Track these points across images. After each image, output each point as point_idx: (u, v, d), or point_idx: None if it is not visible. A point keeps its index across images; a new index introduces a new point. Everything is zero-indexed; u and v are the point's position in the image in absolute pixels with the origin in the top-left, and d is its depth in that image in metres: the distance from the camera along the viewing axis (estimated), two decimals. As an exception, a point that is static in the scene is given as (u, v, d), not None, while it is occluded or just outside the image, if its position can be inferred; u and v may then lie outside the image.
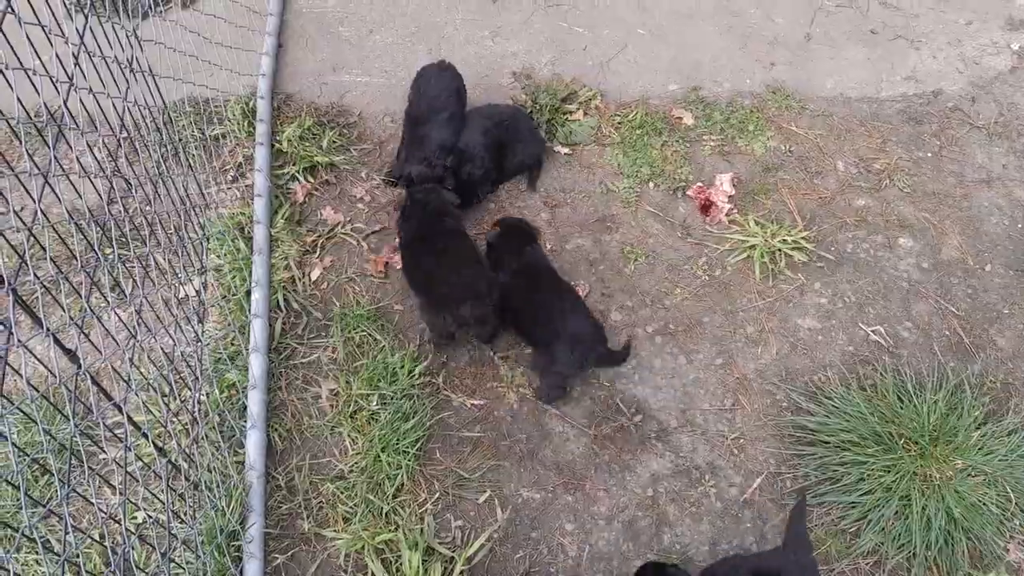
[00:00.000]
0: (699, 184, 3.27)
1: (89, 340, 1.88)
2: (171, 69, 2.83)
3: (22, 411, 1.74)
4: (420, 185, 3.03)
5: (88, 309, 1.80)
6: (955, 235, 3.18)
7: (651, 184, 3.30)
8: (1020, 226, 3.21)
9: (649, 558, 2.52)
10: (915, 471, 2.54)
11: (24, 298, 1.56)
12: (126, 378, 2.03)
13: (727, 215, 3.20)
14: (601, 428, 2.76)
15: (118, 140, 2.24)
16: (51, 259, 1.69)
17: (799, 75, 3.61)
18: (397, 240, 3.07)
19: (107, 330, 1.96)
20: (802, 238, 3.09)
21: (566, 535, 2.58)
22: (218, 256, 3.07)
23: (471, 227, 3.07)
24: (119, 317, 2.49)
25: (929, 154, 3.39)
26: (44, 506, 1.64)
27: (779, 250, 3.07)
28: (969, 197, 3.28)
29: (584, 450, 2.72)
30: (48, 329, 1.60)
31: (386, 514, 2.55)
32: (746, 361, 2.90)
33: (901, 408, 2.66)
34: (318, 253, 3.14)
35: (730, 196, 3.23)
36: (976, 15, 3.83)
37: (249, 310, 2.95)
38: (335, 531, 2.52)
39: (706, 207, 3.22)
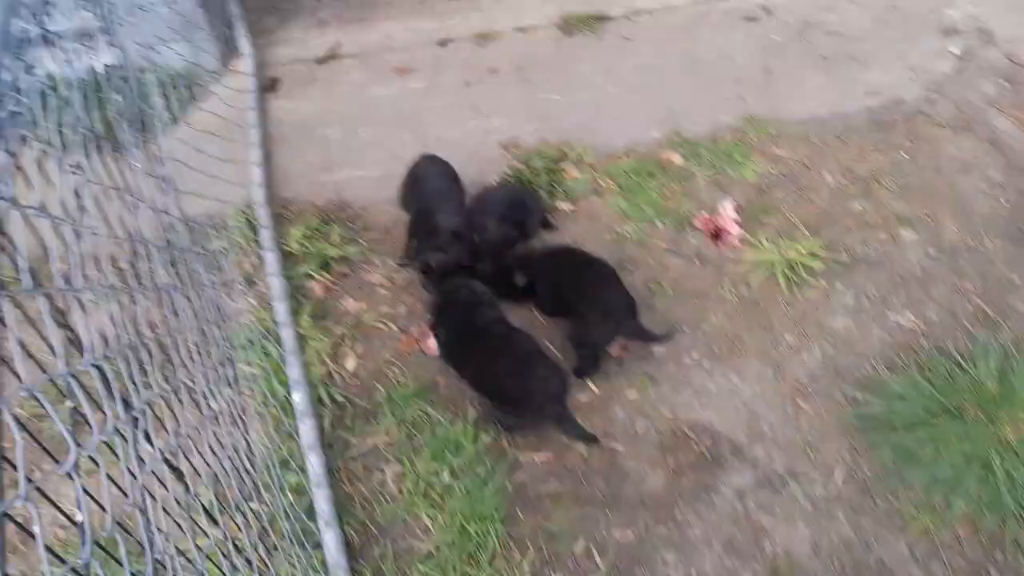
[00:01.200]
0: (703, 214, 3.39)
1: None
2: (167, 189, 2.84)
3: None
4: (443, 275, 3.09)
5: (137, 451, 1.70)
6: (950, 220, 3.35)
7: (657, 223, 3.40)
8: (1003, 202, 3.40)
9: (755, 568, 2.50)
10: (988, 436, 2.59)
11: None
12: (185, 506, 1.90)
13: (739, 239, 3.31)
14: (676, 457, 2.75)
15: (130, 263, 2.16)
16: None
17: (769, 105, 3.81)
18: (424, 326, 3.09)
19: (159, 478, 1.81)
20: (815, 247, 3.21)
21: (669, 566, 2.54)
22: (248, 364, 3.02)
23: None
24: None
25: (905, 155, 3.60)
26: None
27: (797, 262, 3.18)
28: (952, 186, 3.48)
29: (664, 481, 2.71)
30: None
31: (487, 582, 2.48)
32: (795, 368, 2.96)
33: (956, 380, 2.74)
34: (349, 343, 3.12)
35: (736, 220, 3.35)
36: (911, 29, 4.14)
37: (294, 412, 2.89)
38: (439, 609, 2.43)
39: (716, 234, 3.33)
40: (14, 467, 1.03)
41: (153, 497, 1.54)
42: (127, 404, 1.59)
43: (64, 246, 1.54)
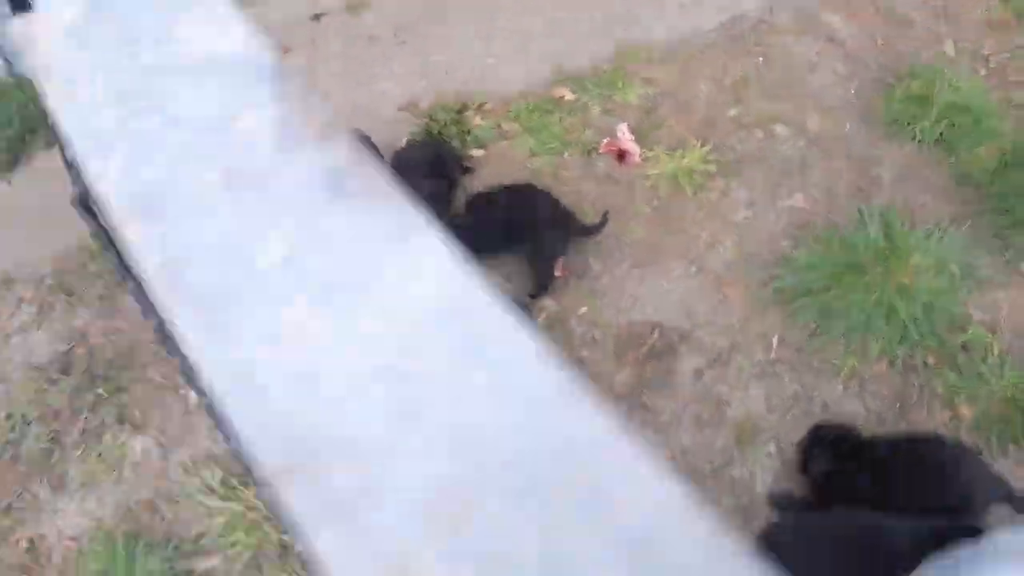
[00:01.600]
0: (606, 140, 3.68)
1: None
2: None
3: None
4: None
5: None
6: (811, 112, 3.81)
7: (565, 155, 3.67)
8: (851, 90, 3.90)
9: (724, 433, 2.86)
10: (888, 284, 3.05)
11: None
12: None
13: (640, 156, 3.63)
14: (634, 353, 3.07)
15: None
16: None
17: (639, 32, 4.14)
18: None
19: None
20: (706, 153, 3.59)
21: (652, 447, 2.85)
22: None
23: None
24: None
25: (760, 59, 4.03)
26: None
27: (694, 169, 3.54)
28: (804, 82, 3.94)
29: (630, 376, 3.02)
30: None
31: None
32: (713, 262, 3.33)
33: (851, 244, 3.19)
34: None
35: (633, 140, 3.67)
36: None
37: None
38: None
39: (620, 156, 3.64)
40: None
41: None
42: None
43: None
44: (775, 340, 3.09)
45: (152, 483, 2.85)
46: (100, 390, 3.03)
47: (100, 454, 2.91)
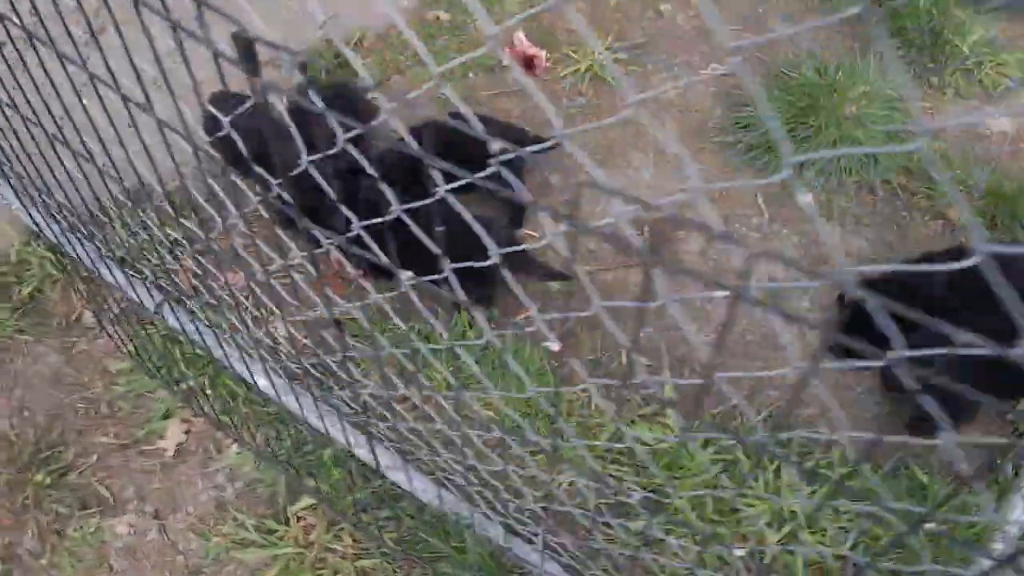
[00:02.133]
0: (507, 49, 3.39)
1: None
2: None
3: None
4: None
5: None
6: (686, -17, 3.75)
7: (471, 76, 3.34)
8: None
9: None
10: (841, 118, 3.04)
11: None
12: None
13: (547, 60, 3.38)
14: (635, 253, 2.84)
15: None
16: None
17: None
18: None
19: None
20: (609, 44, 3.41)
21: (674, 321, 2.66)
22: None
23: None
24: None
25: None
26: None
27: (605, 61, 3.33)
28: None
29: (638, 277, 2.79)
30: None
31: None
32: (668, 142, 3.17)
33: (797, 86, 3.16)
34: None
35: (536, 43, 3.40)
36: None
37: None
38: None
39: (528, 63, 3.36)
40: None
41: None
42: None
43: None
44: (761, 198, 3.00)
45: (161, 564, 2.24)
46: (40, 477, 2.34)
47: (71, 552, 2.25)
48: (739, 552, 2.07)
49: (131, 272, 2.20)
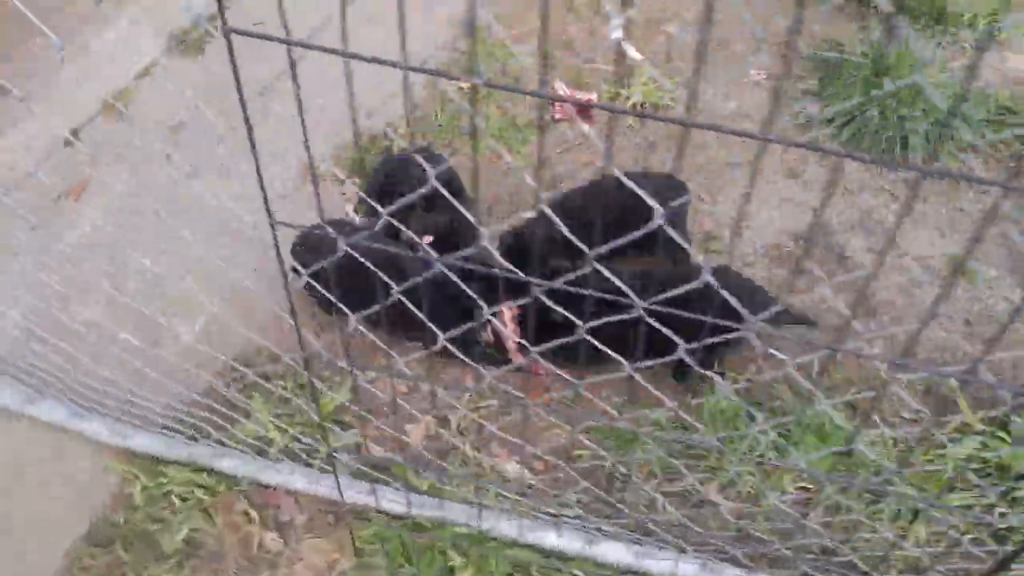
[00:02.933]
0: (555, 105, 3.13)
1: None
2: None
3: None
4: None
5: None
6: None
7: (529, 136, 3.09)
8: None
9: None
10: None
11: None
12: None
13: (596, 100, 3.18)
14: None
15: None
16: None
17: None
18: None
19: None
20: (644, 69, 3.27)
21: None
22: None
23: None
24: None
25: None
26: None
27: (651, 84, 3.18)
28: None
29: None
30: None
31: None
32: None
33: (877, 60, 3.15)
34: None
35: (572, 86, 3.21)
36: None
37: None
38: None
39: (582, 112, 3.15)
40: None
41: None
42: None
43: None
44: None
45: None
46: None
47: None
48: None
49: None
